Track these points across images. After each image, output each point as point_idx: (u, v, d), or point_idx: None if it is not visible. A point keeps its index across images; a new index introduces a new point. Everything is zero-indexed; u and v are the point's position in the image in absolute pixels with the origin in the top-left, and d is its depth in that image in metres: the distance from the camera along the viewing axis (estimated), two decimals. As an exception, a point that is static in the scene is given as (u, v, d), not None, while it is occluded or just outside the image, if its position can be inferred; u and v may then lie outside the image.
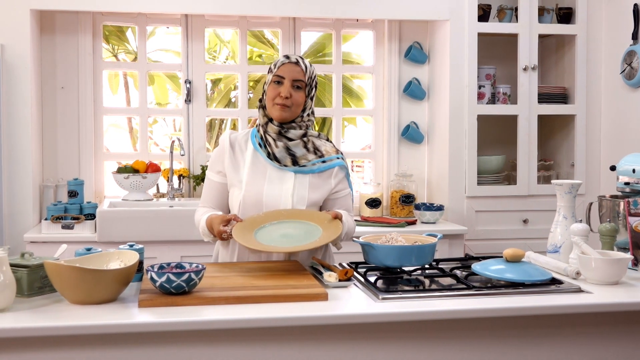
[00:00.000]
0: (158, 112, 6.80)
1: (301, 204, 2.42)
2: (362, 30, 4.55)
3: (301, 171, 2.46)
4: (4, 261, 1.85)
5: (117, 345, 1.80)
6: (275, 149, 2.45)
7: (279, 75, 2.45)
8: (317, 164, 2.48)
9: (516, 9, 4.12)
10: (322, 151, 2.52)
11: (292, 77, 2.44)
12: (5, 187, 3.63)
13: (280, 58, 2.49)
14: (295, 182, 2.44)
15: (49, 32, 4.01)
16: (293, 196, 2.42)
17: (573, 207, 2.50)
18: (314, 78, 2.52)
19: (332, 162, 2.51)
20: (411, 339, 1.95)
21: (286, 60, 2.46)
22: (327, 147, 2.54)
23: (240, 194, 2.42)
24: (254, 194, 2.41)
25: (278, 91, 2.43)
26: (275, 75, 2.45)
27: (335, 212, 2.35)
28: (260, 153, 2.47)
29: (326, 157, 2.51)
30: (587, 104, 4.18)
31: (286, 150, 2.45)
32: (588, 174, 4.19)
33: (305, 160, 2.47)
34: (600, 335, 2.05)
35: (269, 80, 2.49)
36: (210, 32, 7.20)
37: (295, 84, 2.44)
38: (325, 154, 2.52)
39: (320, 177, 2.49)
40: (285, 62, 2.46)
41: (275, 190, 2.43)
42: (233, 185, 2.47)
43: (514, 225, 4.12)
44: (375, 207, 4.17)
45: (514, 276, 2.13)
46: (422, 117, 4.40)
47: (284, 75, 2.44)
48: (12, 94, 3.65)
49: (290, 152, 2.46)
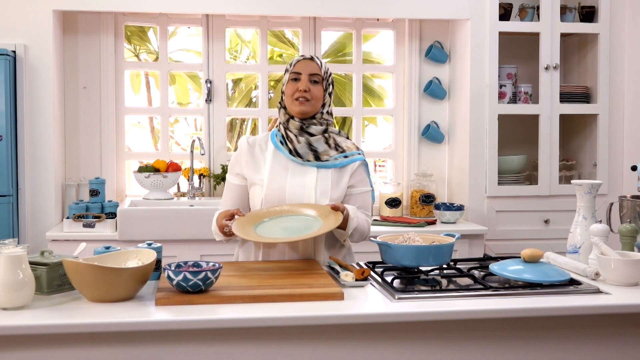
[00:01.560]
0: (179, 112, 6.84)
1: (324, 197, 2.42)
2: (382, 29, 4.54)
3: (324, 166, 2.47)
4: (23, 259, 1.87)
5: (134, 343, 1.81)
6: (297, 144, 2.46)
7: (296, 72, 2.48)
8: (340, 159, 2.49)
9: (538, 8, 4.08)
10: (343, 147, 2.52)
11: (309, 72, 2.47)
12: (28, 186, 3.67)
13: (295, 57, 2.52)
14: (317, 176, 2.45)
15: (71, 33, 4.05)
16: (316, 190, 2.42)
17: (593, 208, 2.47)
18: (330, 75, 2.54)
19: (353, 157, 2.52)
20: (427, 339, 1.94)
21: (301, 57, 2.51)
22: (348, 144, 2.55)
23: (263, 191, 2.43)
24: (276, 189, 2.42)
25: (296, 86, 2.46)
26: (292, 73, 2.49)
27: (337, 204, 2.33)
28: (281, 150, 2.48)
29: (347, 152, 2.52)
30: (610, 103, 4.13)
31: (308, 146, 2.46)
32: (610, 174, 4.15)
33: (327, 156, 2.48)
34: (618, 336, 2.03)
35: (286, 79, 2.51)
36: (232, 32, 7.22)
37: (312, 78, 2.47)
38: (347, 149, 2.53)
39: (341, 172, 2.50)
40: (301, 59, 2.50)
41: (298, 185, 2.43)
42: (254, 183, 2.48)
43: (535, 226, 4.09)
44: (395, 206, 4.17)
45: (531, 277, 2.12)
46: (443, 117, 4.38)
47: (300, 71, 2.47)
48: (35, 94, 3.70)
49: (312, 148, 2.47)
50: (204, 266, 2.04)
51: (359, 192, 2.53)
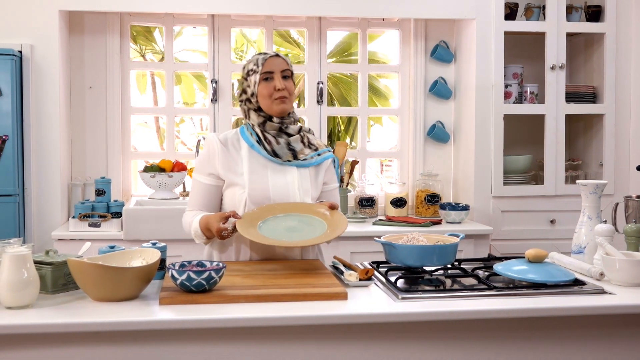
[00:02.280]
0: (185, 112, 6.84)
1: (307, 196, 2.44)
2: (388, 29, 4.54)
3: (303, 165, 2.47)
4: (28, 258, 1.88)
5: (138, 342, 1.82)
6: (275, 145, 2.43)
7: (267, 71, 2.42)
8: (315, 157, 2.50)
9: (544, 7, 4.07)
10: (315, 145, 2.54)
11: (280, 69, 2.44)
12: (34, 186, 3.69)
13: (259, 56, 2.46)
14: (298, 175, 2.45)
15: (77, 33, 4.06)
16: (299, 189, 2.43)
17: (598, 208, 2.47)
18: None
19: (326, 155, 2.54)
20: (431, 339, 1.94)
21: (267, 55, 2.45)
22: (318, 141, 2.57)
23: (245, 192, 2.38)
24: (259, 190, 2.39)
25: (272, 86, 2.41)
26: (264, 73, 2.42)
27: (330, 202, 2.38)
28: (257, 150, 2.44)
29: (320, 150, 2.54)
30: (616, 103, 4.12)
31: (287, 146, 2.45)
32: (617, 174, 4.14)
33: (303, 155, 2.48)
34: (623, 337, 2.02)
35: (256, 80, 2.43)
36: (237, 32, 7.22)
37: (283, 74, 2.44)
38: (319, 147, 2.54)
39: (317, 170, 2.52)
40: (268, 57, 2.44)
41: (281, 184, 2.42)
42: (234, 184, 2.41)
43: (540, 226, 4.08)
44: (401, 206, 4.16)
45: (536, 277, 2.11)
46: (448, 117, 4.38)
47: (272, 70, 2.43)
48: (41, 94, 3.71)
49: (291, 148, 2.46)
50: (208, 266, 2.05)
51: (331, 189, 2.56)
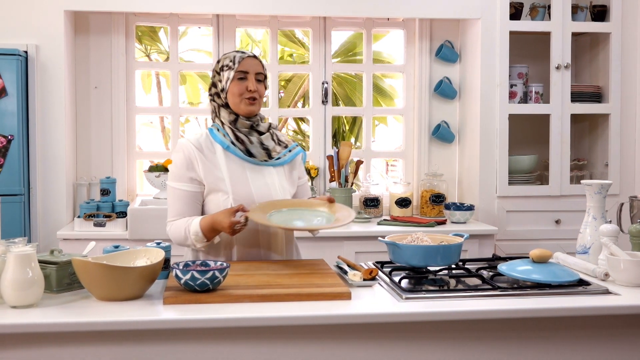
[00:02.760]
0: (190, 112, 6.86)
1: (287, 195, 2.46)
2: (392, 29, 4.54)
3: (278, 163, 2.48)
4: (32, 258, 1.88)
5: (142, 342, 1.82)
6: (249, 145, 2.42)
7: (243, 70, 2.42)
8: (287, 155, 2.51)
9: (549, 7, 4.06)
10: (284, 141, 2.55)
11: (255, 71, 2.44)
12: (40, 186, 3.70)
13: (236, 54, 2.45)
14: (276, 175, 2.47)
15: (82, 33, 4.07)
16: (280, 189, 2.44)
17: (603, 208, 2.46)
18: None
19: (296, 150, 2.55)
20: (434, 339, 1.94)
21: (245, 55, 2.45)
22: (286, 137, 2.59)
23: (229, 197, 2.36)
24: (243, 195, 2.37)
25: (245, 86, 2.41)
26: (239, 72, 2.41)
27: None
28: (232, 152, 2.41)
29: (290, 146, 2.54)
30: (622, 103, 4.11)
31: (260, 145, 2.45)
32: (622, 174, 4.13)
33: (276, 153, 2.48)
34: (627, 337, 2.02)
35: (230, 77, 2.42)
36: (242, 32, 7.23)
37: (257, 77, 2.44)
38: (288, 143, 2.55)
39: (291, 167, 2.54)
40: (245, 57, 2.44)
41: (262, 185, 2.42)
42: (215, 190, 2.38)
43: (546, 226, 4.07)
44: (405, 206, 4.16)
45: (540, 277, 2.11)
46: (453, 117, 4.37)
47: (247, 70, 2.42)
48: (47, 94, 3.72)
49: (264, 146, 2.46)
50: (212, 265, 2.05)
51: (304, 183, 2.60)
